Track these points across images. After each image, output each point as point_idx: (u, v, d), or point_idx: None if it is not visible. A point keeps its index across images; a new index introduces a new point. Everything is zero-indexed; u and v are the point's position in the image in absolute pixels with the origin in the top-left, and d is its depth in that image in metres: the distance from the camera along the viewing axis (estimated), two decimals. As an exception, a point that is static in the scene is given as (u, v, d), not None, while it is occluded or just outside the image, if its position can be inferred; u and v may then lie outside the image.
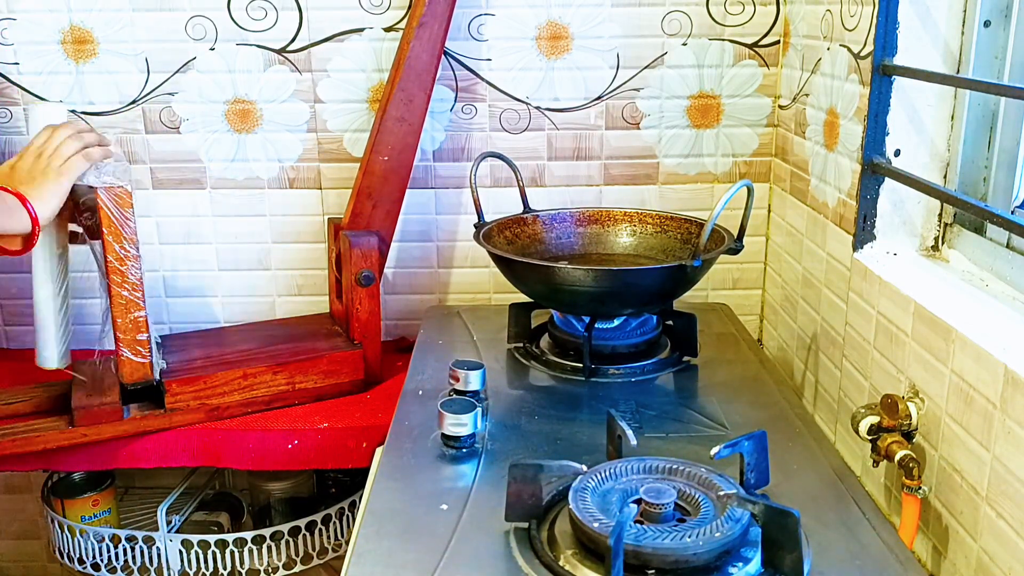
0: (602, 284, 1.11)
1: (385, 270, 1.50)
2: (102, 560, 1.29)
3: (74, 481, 1.38)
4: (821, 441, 0.99)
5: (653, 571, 0.73)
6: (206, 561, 1.26)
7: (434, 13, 1.29)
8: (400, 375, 1.21)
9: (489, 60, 1.41)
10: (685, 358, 1.20)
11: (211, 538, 1.26)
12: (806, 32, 1.30)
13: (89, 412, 1.16)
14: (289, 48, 1.40)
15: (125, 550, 1.29)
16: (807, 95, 1.30)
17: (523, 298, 1.23)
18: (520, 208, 1.33)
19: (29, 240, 1.04)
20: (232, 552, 1.26)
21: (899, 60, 1.04)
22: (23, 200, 1.02)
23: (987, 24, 1.01)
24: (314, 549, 1.31)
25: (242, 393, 1.24)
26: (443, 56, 1.40)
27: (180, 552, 1.26)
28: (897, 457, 0.90)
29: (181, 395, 1.21)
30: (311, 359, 1.28)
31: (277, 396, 1.26)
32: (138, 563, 1.29)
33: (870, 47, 1.06)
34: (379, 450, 1.04)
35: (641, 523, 0.76)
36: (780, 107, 1.43)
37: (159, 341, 1.32)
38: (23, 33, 1.39)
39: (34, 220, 1.03)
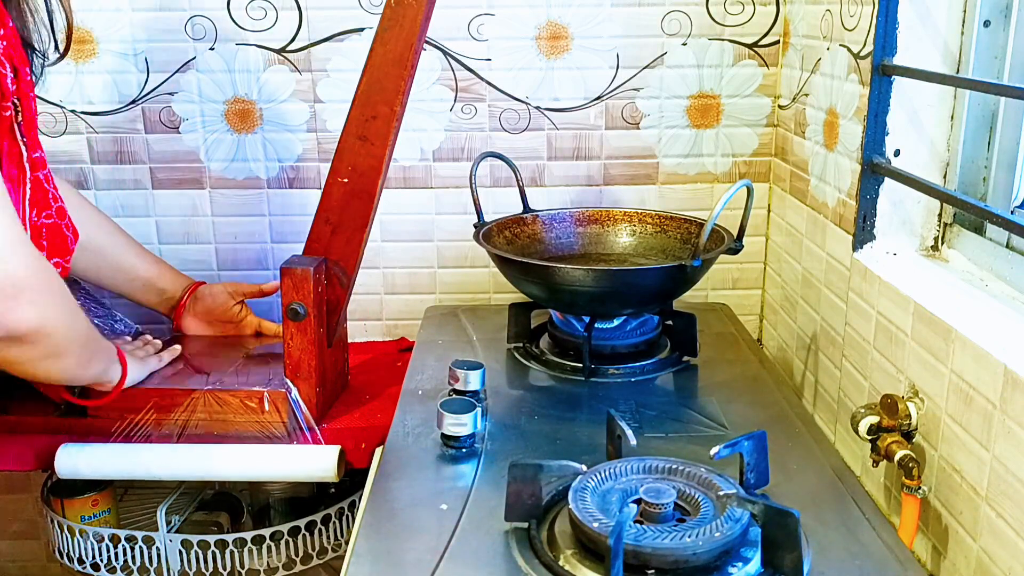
0: (602, 284, 1.11)
1: (385, 270, 1.50)
2: (102, 560, 1.29)
3: (74, 481, 1.38)
4: (821, 441, 0.99)
5: (653, 571, 0.73)
6: (206, 561, 1.26)
7: (398, 18, 1.08)
8: (400, 375, 1.21)
9: (489, 60, 1.41)
10: (685, 358, 1.20)
11: (211, 538, 1.26)
12: (806, 32, 1.30)
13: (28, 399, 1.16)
14: (289, 48, 1.40)
15: (125, 550, 1.29)
16: (807, 95, 1.30)
17: (523, 298, 1.23)
18: (520, 208, 1.34)
19: (110, 393, 1.13)
20: (232, 552, 1.26)
21: (899, 60, 1.04)
22: (122, 357, 1.12)
23: (987, 24, 1.01)
24: (314, 549, 1.30)
25: (159, 413, 1.17)
26: (445, 57, 1.40)
27: (180, 552, 1.26)
28: (897, 457, 0.90)
29: (102, 405, 1.17)
30: (224, 390, 1.17)
31: (199, 423, 1.17)
32: (138, 563, 1.28)
33: (870, 47, 1.06)
34: (379, 450, 1.04)
35: (641, 523, 0.76)
36: (780, 107, 1.43)
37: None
38: (23, 33, 1.39)
39: (124, 375, 1.12)
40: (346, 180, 1.15)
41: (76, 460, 1.15)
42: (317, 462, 1.13)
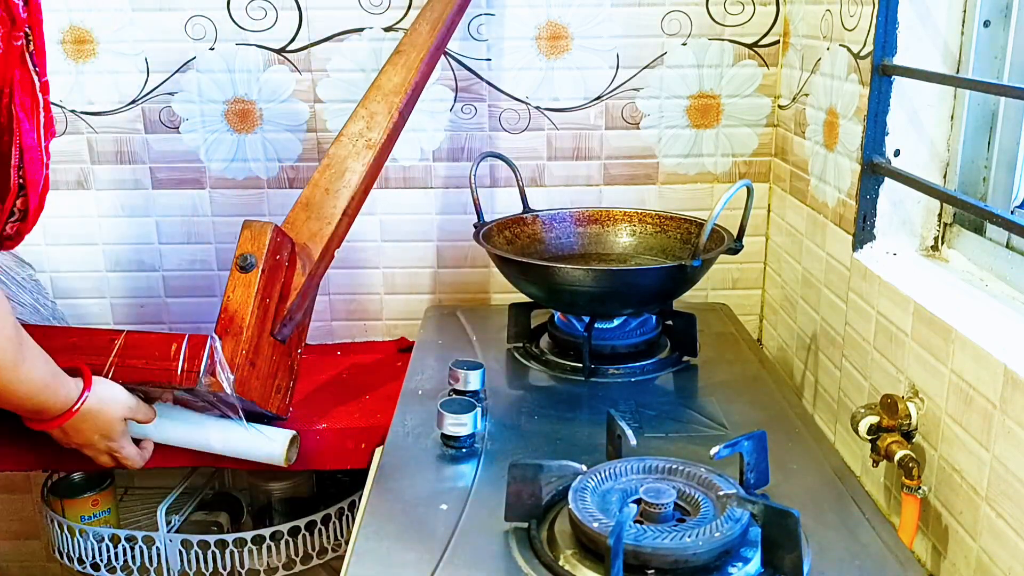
0: (602, 284, 1.11)
1: (384, 270, 1.50)
2: (102, 560, 1.29)
3: (74, 481, 1.38)
4: (821, 441, 0.99)
5: (653, 571, 0.73)
6: (206, 561, 1.26)
7: (413, 42, 1.25)
8: (400, 375, 1.21)
9: (489, 60, 1.41)
10: (685, 358, 1.20)
11: (211, 538, 1.26)
12: (806, 32, 1.30)
13: None
14: (289, 48, 1.40)
15: (125, 550, 1.29)
16: (807, 95, 1.30)
17: (523, 298, 1.23)
18: (520, 208, 1.34)
19: (62, 416, 0.98)
20: (232, 552, 1.26)
21: (899, 60, 1.04)
22: (88, 381, 0.99)
23: (987, 24, 1.01)
24: (314, 549, 1.30)
25: (78, 355, 1.06)
26: (445, 57, 1.40)
27: (180, 552, 1.26)
28: (897, 457, 0.90)
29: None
30: (140, 334, 1.08)
31: (114, 368, 1.06)
32: (138, 563, 1.28)
33: (870, 47, 1.06)
34: (379, 450, 1.04)
35: (641, 523, 0.76)
36: (780, 107, 1.43)
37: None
38: (23, 33, 1.39)
39: (83, 392, 0.98)
40: (334, 171, 1.18)
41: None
42: (266, 444, 1.08)
